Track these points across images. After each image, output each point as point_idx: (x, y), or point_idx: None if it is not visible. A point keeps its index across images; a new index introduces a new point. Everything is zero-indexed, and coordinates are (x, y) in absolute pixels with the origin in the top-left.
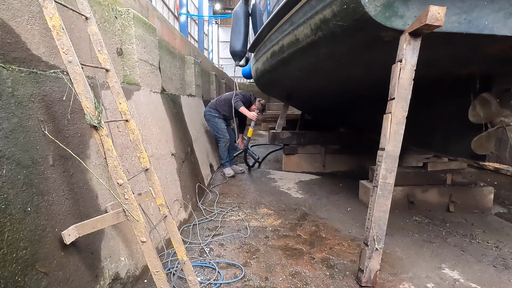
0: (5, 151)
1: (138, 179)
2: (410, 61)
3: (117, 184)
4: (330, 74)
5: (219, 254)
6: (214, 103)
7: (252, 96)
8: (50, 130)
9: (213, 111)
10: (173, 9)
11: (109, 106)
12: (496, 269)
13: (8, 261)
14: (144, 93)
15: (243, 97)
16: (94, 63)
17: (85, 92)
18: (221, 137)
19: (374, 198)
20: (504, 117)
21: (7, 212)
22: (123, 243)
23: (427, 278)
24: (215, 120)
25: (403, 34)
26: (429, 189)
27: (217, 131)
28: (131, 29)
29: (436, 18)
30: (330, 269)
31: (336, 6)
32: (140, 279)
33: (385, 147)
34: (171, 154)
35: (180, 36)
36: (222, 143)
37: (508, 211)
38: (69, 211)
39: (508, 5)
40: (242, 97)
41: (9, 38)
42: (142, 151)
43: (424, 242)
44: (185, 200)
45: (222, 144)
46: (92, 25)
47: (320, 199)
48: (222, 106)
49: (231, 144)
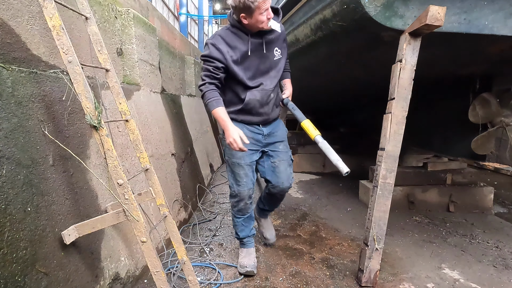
0: (5, 151)
1: (138, 179)
2: (410, 61)
3: (117, 184)
4: (330, 74)
5: (219, 254)
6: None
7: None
8: (50, 130)
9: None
10: (173, 9)
11: (109, 106)
12: (496, 269)
13: (8, 261)
14: (144, 93)
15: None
16: (94, 63)
17: (85, 92)
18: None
19: (374, 198)
20: (504, 117)
21: (7, 212)
22: (123, 243)
23: (427, 278)
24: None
25: (403, 34)
26: (429, 189)
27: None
28: (131, 29)
29: (436, 18)
30: (330, 269)
31: (336, 6)
32: (140, 279)
33: (385, 147)
34: (171, 154)
35: (180, 36)
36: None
37: (508, 211)
38: (69, 211)
39: (508, 5)
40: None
41: (9, 38)
42: (142, 151)
43: (424, 242)
44: (185, 200)
45: (233, 201)
46: (92, 25)
47: (320, 199)
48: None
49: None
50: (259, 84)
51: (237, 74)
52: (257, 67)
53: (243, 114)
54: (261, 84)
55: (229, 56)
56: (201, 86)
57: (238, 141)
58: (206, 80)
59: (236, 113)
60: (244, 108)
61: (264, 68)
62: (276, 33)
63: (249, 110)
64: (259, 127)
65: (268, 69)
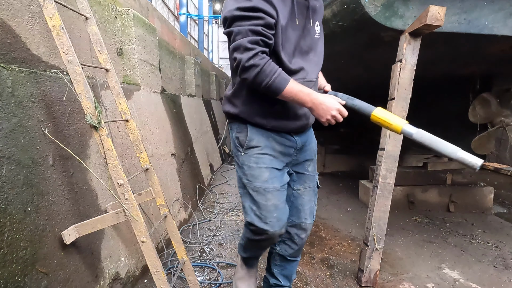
0: (5, 151)
1: (138, 179)
2: (410, 61)
3: (117, 184)
4: (329, 73)
5: (219, 254)
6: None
7: None
8: (50, 130)
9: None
10: (173, 9)
11: (109, 106)
12: (496, 269)
13: (8, 261)
14: (144, 93)
15: None
16: (94, 63)
17: (85, 92)
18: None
19: (374, 198)
20: (504, 117)
21: (7, 212)
22: (123, 243)
23: (427, 278)
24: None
25: (403, 34)
26: (429, 189)
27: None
28: (131, 29)
29: (436, 18)
30: (330, 269)
31: (336, 6)
32: (140, 279)
33: (385, 147)
34: (171, 154)
35: (180, 36)
36: (255, 235)
37: (508, 211)
38: (69, 211)
39: (508, 5)
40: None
41: (9, 38)
42: (142, 151)
43: (424, 242)
44: (185, 200)
45: (253, 237)
46: (92, 25)
47: (320, 199)
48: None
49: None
50: (299, 69)
51: (280, 47)
52: (297, 43)
53: (275, 118)
54: (302, 69)
55: (281, 14)
56: (250, 59)
57: (344, 112)
58: (256, 48)
59: (265, 115)
60: (279, 109)
61: (304, 47)
62: (320, 0)
63: (285, 111)
64: (291, 137)
65: (308, 50)
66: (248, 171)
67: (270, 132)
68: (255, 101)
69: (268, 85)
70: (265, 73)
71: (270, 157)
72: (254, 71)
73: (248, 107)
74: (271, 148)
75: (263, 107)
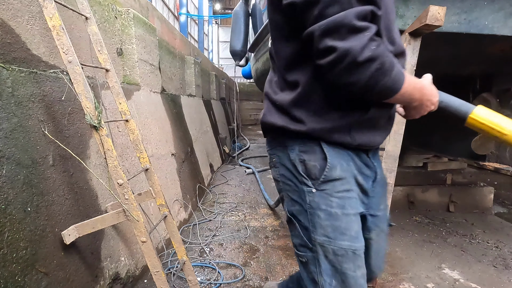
0: (5, 151)
1: (138, 179)
2: (410, 61)
3: (117, 184)
4: None
5: (219, 254)
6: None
7: None
8: (50, 130)
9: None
10: (173, 9)
11: (109, 106)
12: (496, 269)
13: (8, 261)
14: (144, 93)
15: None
16: (94, 63)
17: (85, 92)
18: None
19: None
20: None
21: (7, 212)
22: (123, 243)
23: (427, 278)
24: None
25: (403, 34)
26: (429, 189)
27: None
28: (131, 29)
29: (436, 18)
30: None
31: None
32: (140, 279)
33: (385, 147)
34: (171, 154)
35: (180, 36)
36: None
37: (508, 211)
38: (69, 211)
39: (508, 5)
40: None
41: (9, 38)
42: (142, 151)
43: (424, 242)
44: (185, 200)
45: None
46: (92, 25)
47: None
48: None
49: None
50: (402, 52)
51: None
52: (388, 16)
53: (363, 130)
54: (404, 53)
55: None
56: (364, 48)
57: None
58: (369, 27)
59: (349, 128)
60: (373, 115)
61: (394, 21)
62: None
63: (378, 117)
64: (369, 160)
65: (395, 26)
66: (326, 220)
67: (353, 154)
68: (336, 109)
69: (384, 86)
70: (383, 68)
71: (356, 196)
72: (371, 68)
73: (322, 119)
74: (355, 181)
75: (348, 116)
